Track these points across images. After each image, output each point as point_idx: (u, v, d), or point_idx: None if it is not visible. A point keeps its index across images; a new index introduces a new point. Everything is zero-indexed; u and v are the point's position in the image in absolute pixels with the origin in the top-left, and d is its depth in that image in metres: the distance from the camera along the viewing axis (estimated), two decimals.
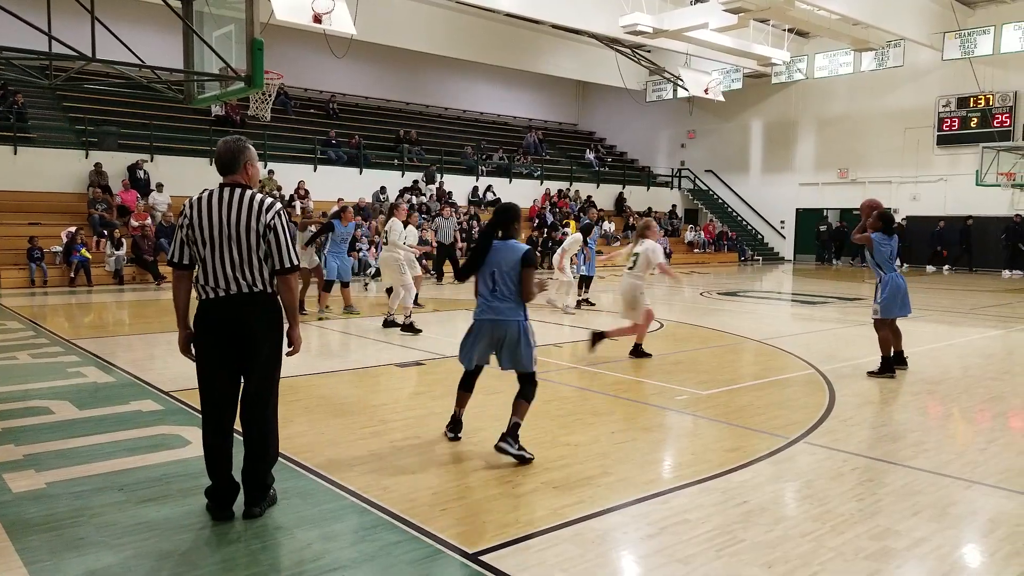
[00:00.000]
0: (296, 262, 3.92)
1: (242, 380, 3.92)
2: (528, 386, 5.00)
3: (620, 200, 30.51)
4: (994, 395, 7.01)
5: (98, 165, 19.33)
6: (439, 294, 15.91)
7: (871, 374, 7.69)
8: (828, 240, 29.23)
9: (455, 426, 5.37)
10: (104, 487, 4.31)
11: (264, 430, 3.95)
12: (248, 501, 3.93)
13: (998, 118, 24.73)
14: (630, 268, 8.54)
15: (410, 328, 9.64)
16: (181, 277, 3.90)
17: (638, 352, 8.56)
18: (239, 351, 3.84)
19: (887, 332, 7.77)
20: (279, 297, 3.95)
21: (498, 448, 4.90)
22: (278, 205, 3.92)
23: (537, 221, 25.96)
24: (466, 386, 5.35)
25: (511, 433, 4.88)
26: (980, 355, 9.19)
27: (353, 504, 4.12)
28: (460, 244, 20.37)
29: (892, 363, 7.76)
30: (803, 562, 3.50)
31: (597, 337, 8.46)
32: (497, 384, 7.12)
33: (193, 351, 3.95)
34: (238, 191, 3.85)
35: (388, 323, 10.51)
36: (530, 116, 35.84)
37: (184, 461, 4.75)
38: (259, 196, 3.88)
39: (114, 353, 8.53)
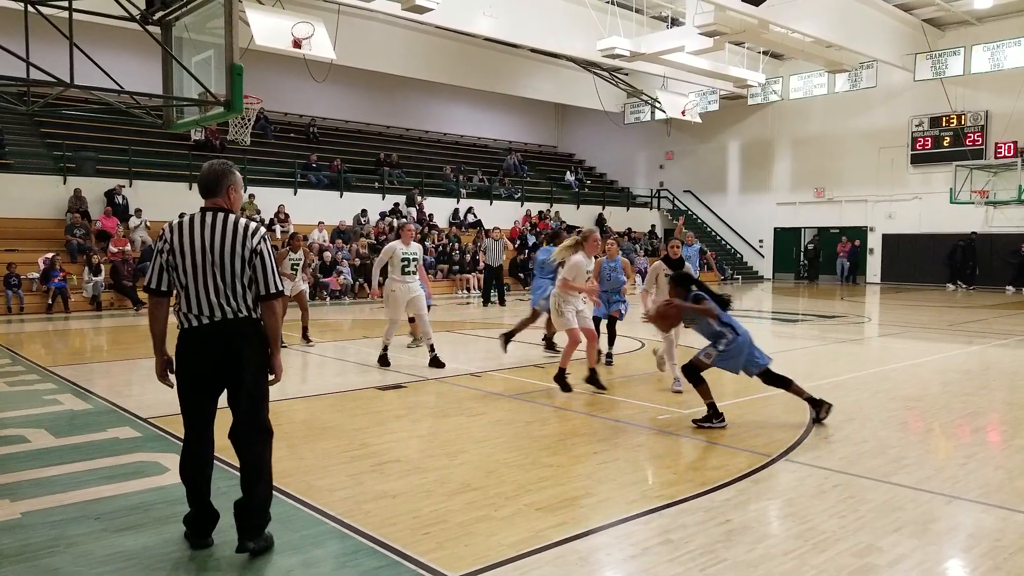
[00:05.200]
0: (280, 287, 3.87)
1: (230, 408, 3.83)
2: None
3: (600, 220, 30.66)
4: (972, 410, 7.08)
5: (77, 191, 19.18)
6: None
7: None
8: (812, 258, 29.55)
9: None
10: (80, 516, 4.24)
11: (256, 456, 3.82)
12: (244, 535, 3.72)
13: (970, 137, 25.17)
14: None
15: (383, 360, 9.36)
16: (159, 304, 3.84)
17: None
18: (223, 378, 3.78)
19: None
20: (262, 323, 3.89)
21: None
22: (263, 230, 3.87)
23: (519, 243, 26.06)
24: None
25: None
26: (958, 371, 9.29)
27: (334, 529, 4.08)
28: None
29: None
30: None
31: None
32: (479, 407, 7.10)
33: (170, 378, 3.91)
34: (220, 215, 3.78)
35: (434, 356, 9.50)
36: (510, 138, 36.03)
37: (162, 489, 4.68)
38: (243, 221, 3.81)
39: (91, 380, 8.42)
